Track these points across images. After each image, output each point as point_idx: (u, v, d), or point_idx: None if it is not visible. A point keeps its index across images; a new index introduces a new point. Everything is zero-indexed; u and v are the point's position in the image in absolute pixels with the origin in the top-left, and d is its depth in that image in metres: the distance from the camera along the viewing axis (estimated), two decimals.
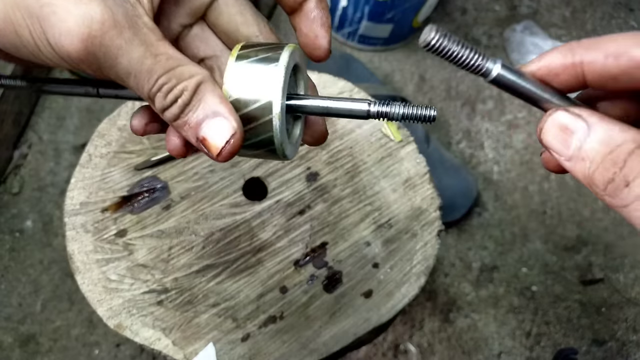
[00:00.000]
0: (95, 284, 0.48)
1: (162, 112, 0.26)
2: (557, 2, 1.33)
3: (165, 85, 0.25)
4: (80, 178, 0.53)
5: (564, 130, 0.22)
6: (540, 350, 0.97)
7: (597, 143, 0.20)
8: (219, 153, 0.25)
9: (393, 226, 0.54)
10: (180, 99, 0.25)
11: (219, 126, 0.25)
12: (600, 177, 0.20)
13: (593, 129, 0.21)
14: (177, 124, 0.26)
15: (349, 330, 0.48)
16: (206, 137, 0.25)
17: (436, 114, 0.25)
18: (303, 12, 0.29)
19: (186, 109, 0.25)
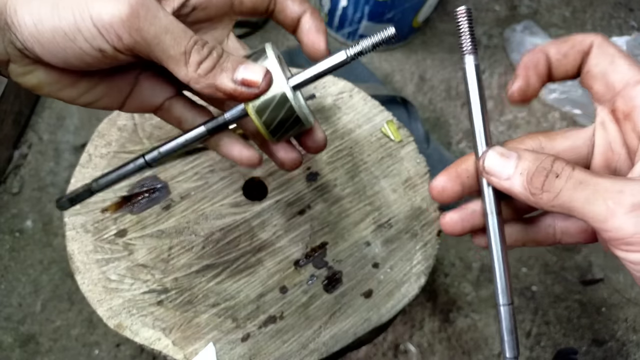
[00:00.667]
0: (95, 284, 0.48)
1: (198, 64, 0.29)
2: (557, 2, 1.34)
3: (199, 41, 0.29)
4: (80, 178, 0.53)
5: (503, 158, 0.28)
6: (540, 350, 0.97)
7: (529, 161, 0.27)
8: (260, 84, 0.30)
9: (393, 226, 0.54)
10: (215, 51, 0.30)
11: (253, 68, 0.31)
12: (537, 180, 0.27)
13: (522, 155, 0.28)
14: (212, 74, 0.30)
15: (349, 330, 0.48)
16: (245, 77, 0.30)
17: (394, 31, 0.31)
18: (301, 27, 0.35)
19: (221, 59, 0.30)
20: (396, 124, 0.59)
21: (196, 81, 0.30)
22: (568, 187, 0.25)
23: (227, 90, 0.30)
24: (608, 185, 0.25)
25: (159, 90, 0.36)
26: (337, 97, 0.60)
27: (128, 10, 0.26)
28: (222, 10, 0.34)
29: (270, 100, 0.31)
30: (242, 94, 0.31)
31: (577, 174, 0.26)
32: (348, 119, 0.59)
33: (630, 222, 0.24)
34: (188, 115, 0.37)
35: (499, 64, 1.24)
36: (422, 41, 1.26)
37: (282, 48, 1.22)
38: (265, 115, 0.32)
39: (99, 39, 0.27)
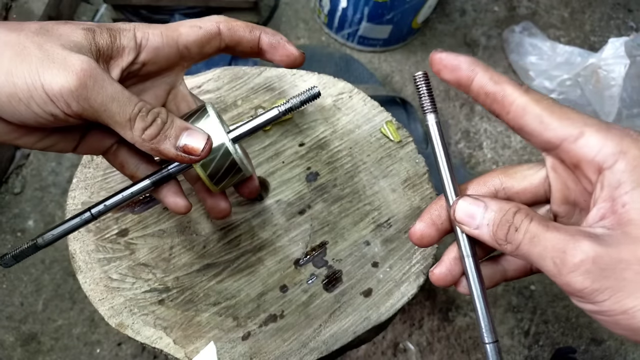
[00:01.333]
0: (96, 283, 0.49)
1: (143, 130, 0.32)
2: (555, 3, 1.34)
3: (144, 108, 0.32)
4: (82, 178, 0.54)
5: (471, 208, 0.30)
6: (538, 349, 0.97)
7: (494, 212, 0.29)
8: (201, 152, 0.33)
9: (392, 225, 0.54)
10: (159, 118, 0.32)
11: (195, 135, 0.33)
12: (500, 232, 0.29)
13: (489, 205, 0.30)
14: (156, 140, 0.32)
15: (349, 328, 0.49)
16: (187, 143, 0.33)
17: (318, 90, 0.38)
18: (264, 49, 0.38)
19: (165, 126, 0.33)
20: (395, 124, 0.59)
21: (141, 145, 0.32)
22: (525, 242, 0.28)
23: (170, 156, 0.33)
24: (555, 242, 0.26)
25: (107, 137, 0.38)
26: (336, 97, 0.60)
27: (76, 81, 0.29)
28: (172, 61, 0.37)
29: (214, 154, 0.35)
30: (184, 160, 0.33)
31: (533, 228, 0.28)
32: (348, 120, 0.59)
33: (574, 280, 0.25)
34: (131, 161, 0.39)
35: (498, 65, 1.25)
36: (421, 42, 1.26)
37: None
38: (210, 168, 0.35)
39: (50, 106, 0.30)
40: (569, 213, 0.32)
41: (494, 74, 0.30)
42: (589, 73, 1.10)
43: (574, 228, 0.27)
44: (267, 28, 0.38)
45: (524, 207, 0.29)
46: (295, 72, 0.60)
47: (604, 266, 0.25)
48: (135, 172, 0.40)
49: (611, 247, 0.25)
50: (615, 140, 0.27)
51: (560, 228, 0.27)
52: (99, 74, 0.30)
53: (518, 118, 0.30)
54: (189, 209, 0.40)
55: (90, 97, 0.30)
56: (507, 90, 0.30)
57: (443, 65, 0.32)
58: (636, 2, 1.37)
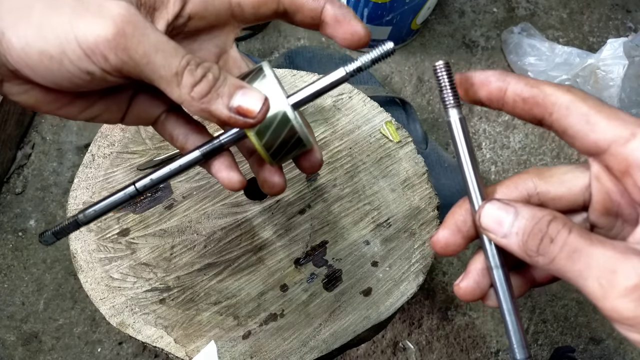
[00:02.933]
0: (98, 282, 0.49)
1: (192, 87, 0.27)
2: (554, 4, 1.34)
3: (193, 61, 0.27)
4: (84, 178, 0.54)
5: (499, 214, 0.27)
6: (537, 348, 0.98)
7: (525, 220, 0.26)
8: (257, 114, 0.28)
9: (392, 225, 0.54)
10: (211, 73, 0.28)
11: (251, 95, 0.28)
12: (532, 242, 0.26)
13: (520, 211, 0.26)
14: (207, 99, 0.28)
15: (349, 327, 0.49)
16: (242, 104, 0.28)
17: (393, 45, 0.30)
18: (327, 22, 0.32)
19: (217, 83, 0.28)
20: (395, 124, 0.60)
21: (189, 104, 0.28)
22: (562, 257, 0.24)
23: (222, 117, 0.28)
24: (602, 261, 0.23)
25: (155, 105, 0.35)
26: (336, 98, 0.61)
27: (114, 29, 0.25)
28: (222, 18, 0.33)
29: (271, 121, 0.30)
30: (237, 123, 0.29)
31: (572, 240, 0.24)
32: (347, 120, 0.59)
33: (624, 307, 0.22)
34: (180, 132, 0.35)
35: (497, 66, 1.25)
36: (420, 43, 1.26)
37: (282, 50, 1.23)
38: (266, 137, 0.30)
39: (85, 61, 0.26)
40: (609, 225, 0.29)
41: (529, 79, 0.28)
42: (588, 74, 1.11)
43: (623, 245, 0.24)
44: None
45: (560, 216, 0.26)
46: (296, 72, 0.60)
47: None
48: (184, 143, 0.35)
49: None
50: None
51: (607, 243, 0.24)
52: (140, 20, 0.26)
53: (562, 119, 0.26)
54: (244, 184, 0.35)
55: (131, 47, 0.26)
56: (547, 90, 0.27)
57: (470, 84, 0.29)
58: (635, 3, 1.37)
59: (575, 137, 0.26)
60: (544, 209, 0.26)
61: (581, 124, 0.26)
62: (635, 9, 1.38)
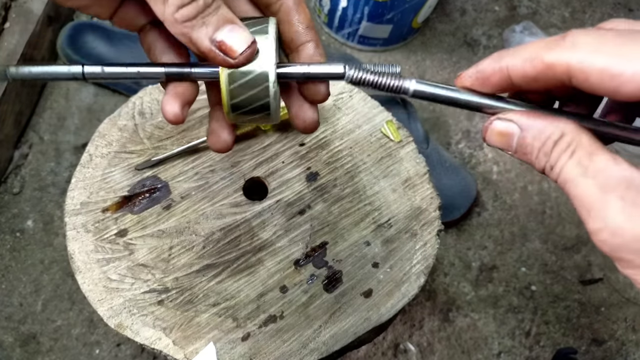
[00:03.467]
0: (95, 283, 0.49)
1: (178, 8, 0.25)
2: (556, 3, 1.34)
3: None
4: (81, 178, 0.53)
5: (503, 135, 0.26)
6: (539, 349, 0.97)
7: (531, 139, 0.25)
8: (238, 56, 0.27)
9: (393, 226, 0.54)
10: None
11: (239, 33, 0.27)
12: (538, 165, 0.25)
13: (524, 129, 0.25)
14: (191, 24, 0.26)
15: (349, 329, 0.49)
16: (225, 40, 0.26)
17: (399, 70, 0.29)
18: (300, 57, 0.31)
19: (206, 10, 0.26)
20: (396, 124, 0.59)
21: (171, 24, 0.26)
22: (559, 182, 0.24)
23: (201, 48, 0.27)
24: (588, 192, 0.22)
25: (144, 13, 0.32)
26: (337, 97, 0.60)
27: None
28: None
29: (249, 72, 0.28)
30: (216, 58, 0.27)
31: (570, 171, 0.23)
32: (348, 119, 0.59)
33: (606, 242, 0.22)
34: (158, 45, 0.32)
35: None
36: (421, 42, 1.26)
37: None
38: (236, 84, 0.28)
39: None
40: None
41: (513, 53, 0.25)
42: None
43: (623, 170, 0.21)
44: (320, 44, 0.30)
45: (567, 132, 0.23)
46: None
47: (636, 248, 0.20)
48: (159, 60, 0.33)
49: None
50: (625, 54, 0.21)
51: (600, 172, 0.22)
52: None
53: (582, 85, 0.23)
54: (180, 120, 0.31)
55: None
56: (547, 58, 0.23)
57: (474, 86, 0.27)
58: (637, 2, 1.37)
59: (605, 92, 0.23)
60: (551, 120, 0.24)
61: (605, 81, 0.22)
62: (637, 8, 1.37)
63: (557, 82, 0.24)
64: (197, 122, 0.57)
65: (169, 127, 0.57)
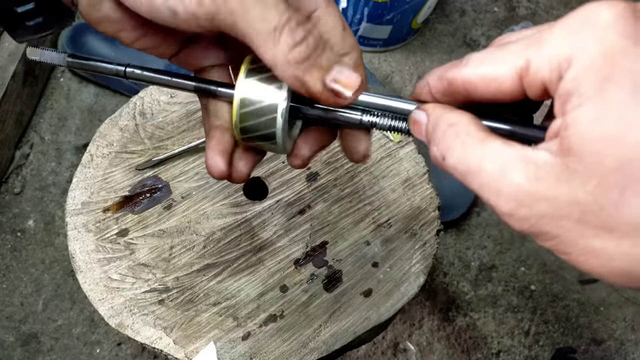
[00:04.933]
0: (96, 283, 0.49)
1: (291, 48, 0.24)
2: (555, 3, 1.34)
3: (294, 18, 0.24)
4: (82, 178, 0.54)
5: (415, 123, 0.26)
6: (539, 349, 0.97)
7: (432, 126, 0.25)
8: (348, 97, 0.26)
9: (392, 226, 0.54)
10: (312, 35, 0.25)
11: (348, 74, 0.26)
12: (433, 153, 0.25)
13: (430, 117, 0.25)
14: (305, 66, 0.25)
15: (349, 329, 0.49)
16: (335, 85, 0.26)
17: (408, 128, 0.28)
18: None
19: (316, 50, 0.25)
20: None
21: (283, 68, 0.24)
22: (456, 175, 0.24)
23: (313, 90, 0.25)
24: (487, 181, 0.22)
25: (211, 55, 0.32)
26: None
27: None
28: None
29: (259, 102, 0.28)
30: (328, 100, 0.26)
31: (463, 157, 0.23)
32: None
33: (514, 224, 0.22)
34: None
35: None
36: (421, 42, 1.26)
37: None
38: (248, 109, 0.28)
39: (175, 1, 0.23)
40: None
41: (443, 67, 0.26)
42: None
43: (516, 153, 0.21)
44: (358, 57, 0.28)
45: (460, 121, 0.24)
46: None
47: (540, 212, 0.20)
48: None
49: (548, 185, 0.20)
50: (569, 39, 0.21)
51: (495, 158, 0.22)
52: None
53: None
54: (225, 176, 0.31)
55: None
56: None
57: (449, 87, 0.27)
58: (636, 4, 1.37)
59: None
60: (448, 112, 0.25)
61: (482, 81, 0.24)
62: None
63: (462, 95, 0.25)
64: (197, 123, 0.57)
65: (169, 128, 0.57)
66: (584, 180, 0.19)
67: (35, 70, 1.04)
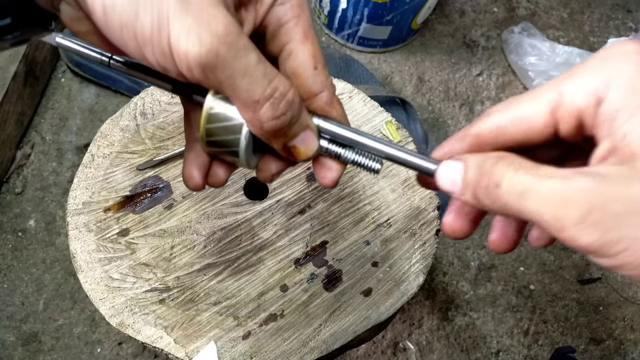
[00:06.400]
0: (97, 282, 0.49)
1: (269, 120, 0.26)
2: (555, 4, 1.34)
3: (278, 92, 0.25)
4: (83, 178, 0.54)
5: (451, 174, 0.26)
6: (538, 348, 0.98)
7: (472, 171, 0.25)
8: (299, 160, 0.29)
9: (392, 225, 0.54)
10: (290, 111, 0.26)
11: (309, 143, 0.28)
12: (481, 193, 0.24)
13: (467, 163, 0.25)
14: (275, 133, 0.27)
15: (349, 328, 0.49)
16: (297, 146, 0.28)
17: (380, 167, 0.31)
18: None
19: (290, 125, 0.27)
20: (395, 124, 0.60)
21: (255, 127, 0.27)
22: (512, 200, 0.23)
23: (274, 147, 0.28)
24: (551, 193, 0.22)
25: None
26: None
27: (208, 48, 0.23)
28: None
29: (227, 119, 0.28)
30: (283, 154, 0.29)
31: (519, 180, 0.23)
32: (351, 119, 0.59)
33: (581, 234, 0.21)
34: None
35: (497, 65, 1.25)
36: (420, 43, 1.26)
37: None
38: (214, 125, 0.28)
39: (168, 61, 0.24)
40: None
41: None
42: None
43: (570, 171, 0.22)
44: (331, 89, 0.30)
45: (505, 156, 0.24)
46: None
47: (614, 212, 0.20)
48: None
49: (619, 187, 0.21)
50: (601, 68, 0.23)
51: (555, 173, 0.22)
52: (236, 39, 0.24)
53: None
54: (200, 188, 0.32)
55: (219, 67, 0.24)
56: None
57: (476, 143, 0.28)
58: (635, 3, 1.37)
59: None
60: (490, 153, 0.25)
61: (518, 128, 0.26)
62: (635, 9, 1.38)
63: (490, 146, 0.26)
64: None
65: (170, 128, 0.57)
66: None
67: (36, 71, 1.04)
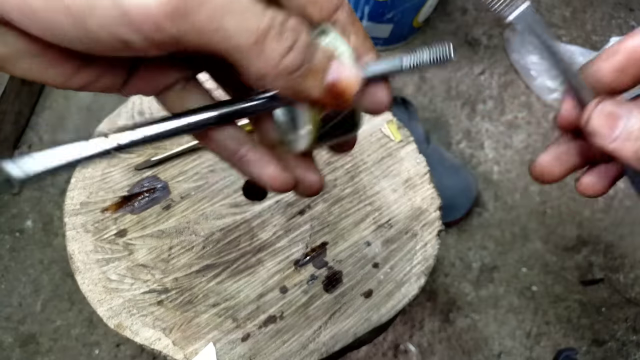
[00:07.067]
0: (95, 283, 0.49)
1: (281, 57, 0.19)
2: (557, 2, 1.34)
3: (278, 20, 0.19)
4: (81, 178, 0.53)
5: (610, 117, 0.24)
6: (540, 350, 0.97)
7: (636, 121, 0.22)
8: (352, 96, 0.21)
9: (393, 226, 0.54)
10: (301, 38, 0.20)
11: (346, 70, 0.21)
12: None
13: (633, 112, 0.23)
14: (298, 73, 0.20)
15: (349, 330, 0.48)
16: (336, 82, 0.21)
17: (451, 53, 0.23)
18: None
19: (308, 51, 0.20)
20: (396, 124, 0.59)
21: (274, 80, 0.20)
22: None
23: (313, 99, 0.21)
24: None
25: (169, 70, 0.25)
26: None
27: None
28: None
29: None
30: (331, 104, 0.22)
31: None
32: None
33: None
34: (192, 100, 0.25)
35: (499, 64, 1.25)
36: (422, 41, 1.26)
37: None
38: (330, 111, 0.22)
39: (124, 28, 0.18)
40: None
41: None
42: None
43: None
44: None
45: None
46: None
47: None
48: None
49: None
50: None
51: None
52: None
53: None
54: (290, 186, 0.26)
55: (193, 8, 0.18)
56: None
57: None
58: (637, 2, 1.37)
59: None
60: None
61: None
62: (638, 8, 1.37)
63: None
64: None
65: None
66: None
67: None
